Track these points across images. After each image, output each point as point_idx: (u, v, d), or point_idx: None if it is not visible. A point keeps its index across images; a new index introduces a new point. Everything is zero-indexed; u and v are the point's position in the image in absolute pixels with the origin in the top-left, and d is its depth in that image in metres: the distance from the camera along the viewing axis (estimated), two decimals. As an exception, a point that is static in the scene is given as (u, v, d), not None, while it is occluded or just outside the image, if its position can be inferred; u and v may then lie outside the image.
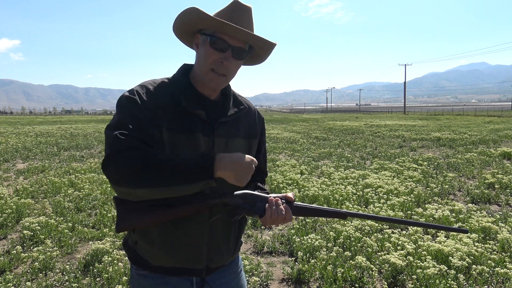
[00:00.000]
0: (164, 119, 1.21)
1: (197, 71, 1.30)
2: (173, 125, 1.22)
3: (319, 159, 11.08)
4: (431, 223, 1.42)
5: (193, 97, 1.29)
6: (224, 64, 1.24)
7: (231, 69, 1.27)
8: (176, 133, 1.22)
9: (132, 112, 1.19)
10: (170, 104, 1.24)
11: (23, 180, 8.27)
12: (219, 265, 1.39)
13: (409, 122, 32.09)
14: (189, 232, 1.28)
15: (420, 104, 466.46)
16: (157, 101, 1.23)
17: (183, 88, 1.29)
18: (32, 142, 16.28)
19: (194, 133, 1.24)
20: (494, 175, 7.89)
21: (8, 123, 37.32)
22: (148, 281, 1.34)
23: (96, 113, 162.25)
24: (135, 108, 1.19)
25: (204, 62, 1.25)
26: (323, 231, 4.75)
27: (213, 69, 1.25)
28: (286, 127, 27.59)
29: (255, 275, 3.63)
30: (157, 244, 1.28)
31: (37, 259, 3.85)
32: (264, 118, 1.55)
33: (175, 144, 1.22)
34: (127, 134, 1.13)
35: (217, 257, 1.36)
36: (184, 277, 1.34)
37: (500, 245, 4.15)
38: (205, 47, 1.25)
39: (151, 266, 1.32)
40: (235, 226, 1.39)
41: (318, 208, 1.33)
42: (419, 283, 3.35)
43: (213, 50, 1.23)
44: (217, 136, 1.29)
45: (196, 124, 1.25)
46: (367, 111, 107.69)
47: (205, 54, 1.25)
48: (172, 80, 1.32)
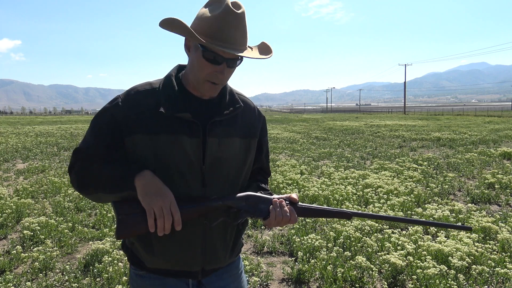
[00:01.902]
0: (141, 125, 1.21)
1: (191, 78, 1.27)
2: (152, 128, 1.21)
3: (319, 159, 11.08)
4: (435, 221, 1.41)
5: (180, 99, 1.26)
6: (219, 77, 1.21)
7: (227, 76, 1.25)
8: (156, 136, 1.21)
9: (96, 125, 1.28)
10: (151, 108, 1.23)
11: (23, 180, 8.27)
12: (216, 267, 1.36)
13: (409, 122, 32.09)
14: (184, 235, 1.26)
15: (420, 104, 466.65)
16: (134, 107, 1.24)
17: (170, 90, 1.26)
18: (32, 142, 16.28)
19: (178, 135, 1.22)
20: (494, 175, 7.89)
21: (8, 123, 37.32)
22: (145, 282, 1.33)
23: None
24: (103, 120, 1.26)
25: (199, 73, 1.22)
26: (323, 231, 4.75)
27: (209, 80, 1.22)
28: (286, 127, 27.59)
29: (255, 275, 3.63)
30: (153, 247, 1.27)
31: (37, 259, 3.85)
32: (265, 118, 1.51)
33: (158, 147, 1.21)
34: (83, 148, 1.26)
35: (213, 259, 1.33)
36: (180, 279, 1.33)
37: (500, 245, 4.15)
38: (198, 57, 1.20)
39: (148, 267, 1.32)
40: (232, 227, 1.35)
41: (323, 208, 1.31)
42: (419, 283, 3.36)
43: (207, 63, 1.18)
44: (210, 136, 1.25)
45: (179, 126, 1.22)
46: (367, 111, 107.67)
47: (199, 65, 1.20)
48: (161, 82, 1.30)
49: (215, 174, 1.28)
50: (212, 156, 1.26)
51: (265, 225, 1.26)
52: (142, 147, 1.22)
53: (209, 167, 1.26)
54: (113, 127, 1.23)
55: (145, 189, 1.14)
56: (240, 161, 1.34)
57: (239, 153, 1.33)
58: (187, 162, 1.23)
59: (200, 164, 1.25)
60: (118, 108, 1.24)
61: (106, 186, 1.19)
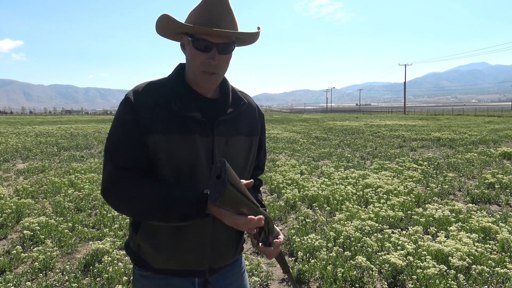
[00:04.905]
0: (157, 125, 1.21)
1: (189, 73, 1.29)
2: (168, 128, 1.21)
3: (319, 159, 11.08)
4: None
5: (189, 98, 1.27)
6: (212, 63, 1.21)
7: (221, 66, 1.25)
8: (172, 136, 1.21)
9: (122, 132, 1.23)
10: (164, 107, 1.23)
11: (23, 180, 8.27)
12: (222, 265, 1.38)
13: (409, 122, 32.09)
14: (193, 235, 1.27)
15: (420, 104, 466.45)
16: (149, 107, 1.23)
17: (178, 89, 1.27)
18: (32, 142, 16.28)
19: (191, 135, 1.23)
20: (494, 175, 7.89)
21: (8, 123, 37.32)
22: (150, 282, 1.34)
23: (96, 113, 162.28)
24: (124, 127, 1.23)
25: (193, 65, 1.24)
26: (323, 231, 4.75)
27: (203, 71, 1.23)
28: (286, 127, 27.59)
29: (255, 275, 3.63)
30: (162, 248, 1.28)
31: (37, 259, 3.85)
32: (264, 116, 1.52)
33: (172, 147, 1.21)
34: (117, 165, 1.20)
35: (220, 257, 1.35)
36: (187, 278, 1.34)
37: (500, 245, 4.15)
38: (190, 49, 1.23)
39: (154, 268, 1.32)
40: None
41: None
42: (419, 283, 3.36)
43: (198, 52, 1.21)
44: (217, 135, 1.27)
45: (192, 126, 1.23)
46: (367, 111, 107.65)
47: (192, 56, 1.23)
48: (167, 81, 1.31)
49: None
50: (220, 155, 1.27)
51: (257, 248, 1.29)
52: (157, 146, 1.22)
53: None
54: (139, 133, 1.22)
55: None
56: (245, 159, 1.36)
57: (244, 151, 1.35)
58: (199, 161, 1.24)
59: (210, 163, 1.26)
60: (134, 111, 1.23)
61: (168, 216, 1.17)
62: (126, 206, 1.20)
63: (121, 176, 1.19)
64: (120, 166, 1.20)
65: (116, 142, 1.23)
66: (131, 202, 1.18)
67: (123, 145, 1.22)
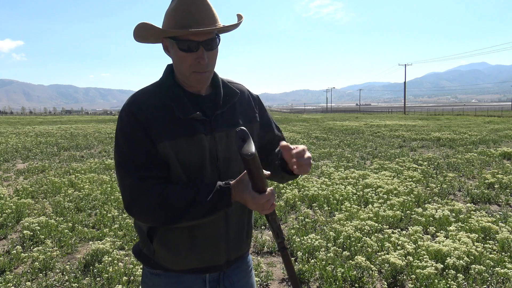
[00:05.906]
0: (163, 132, 1.22)
1: (179, 75, 1.28)
2: (174, 133, 1.22)
3: (319, 159, 11.08)
4: None
5: (186, 100, 1.27)
6: (202, 63, 1.21)
7: (210, 62, 1.24)
8: (179, 140, 1.22)
9: (132, 145, 1.22)
10: (165, 114, 1.23)
11: (23, 180, 8.28)
12: (238, 256, 1.40)
13: (409, 122, 32.09)
14: (208, 231, 1.29)
15: (420, 104, 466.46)
16: (151, 116, 1.22)
17: (173, 92, 1.27)
18: (32, 142, 16.29)
19: (196, 135, 1.24)
20: (494, 175, 7.89)
21: (8, 123, 37.32)
22: (162, 280, 1.35)
23: (96, 113, 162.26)
24: (133, 139, 1.22)
25: (183, 68, 1.23)
26: (323, 231, 4.75)
27: (194, 71, 1.23)
28: (286, 127, 27.58)
29: (255, 275, 3.63)
30: (181, 250, 1.29)
31: (37, 259, 3.86)
32: (259, 96, 1.51)
33: (181, 150, 1.22)
34: (137, 176, 1.19)
35: (235, 249, 1.38)
36: (198, 274, 1.34)
37: (500, 245, 4.15)
38: (176, 51, 1.22)
39: (172, 269, 1.33)
40: (247, 212, 1.40)
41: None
42: (418, 283, 3.36)
43: (184, 53, 1.20)
44: (217, 131, 1.28)
45: (196, 126, 1.24)
46: (367, 111, 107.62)
47: (179, 58, 1.22)
48: (160, 86, 1.30)
49: (230, 166, 1.31)
50: (223, 150, 1.29)
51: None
52: (167, 153, 1.23)
53: (223, 161, 1.29)
54: (150, 142, 1.22)
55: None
56: None
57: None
58: (206, 159, 1.26)
59: (214, 159, 1.28)
60: (138, 123, 1.22)
61: (199, 214, 1.19)
62: (157, 213, 1.18)
63: (146, 185, 1.19)
64: (143, 176, 1.20)
65: (130, 155, 1.22)
66: (162, 207, 1.17)
67: (140, 155, 1.21)
